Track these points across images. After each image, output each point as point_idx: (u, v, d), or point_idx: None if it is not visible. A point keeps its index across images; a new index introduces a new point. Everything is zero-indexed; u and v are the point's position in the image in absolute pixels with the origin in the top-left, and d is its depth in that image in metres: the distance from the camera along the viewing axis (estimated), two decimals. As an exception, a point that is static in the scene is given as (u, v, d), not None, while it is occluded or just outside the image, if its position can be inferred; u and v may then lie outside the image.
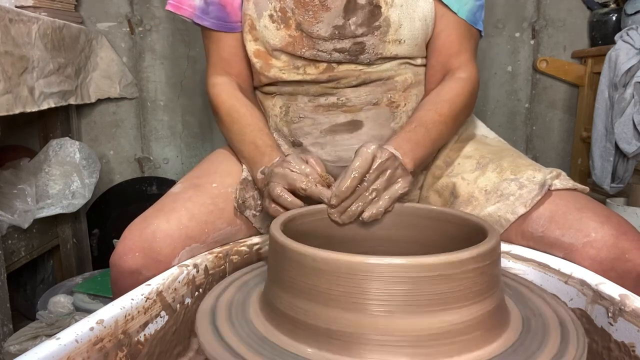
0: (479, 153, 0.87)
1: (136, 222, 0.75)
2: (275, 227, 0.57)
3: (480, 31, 0.93)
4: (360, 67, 0.87)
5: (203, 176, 0.85)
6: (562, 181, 0.75)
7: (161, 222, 0.73)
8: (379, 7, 0.84)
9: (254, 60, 0.90)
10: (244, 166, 0.86)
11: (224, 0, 0.89)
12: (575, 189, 0.75)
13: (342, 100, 0.88)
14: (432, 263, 0.47)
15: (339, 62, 0.87)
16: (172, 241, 0.72)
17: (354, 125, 0.88)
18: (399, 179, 0.69)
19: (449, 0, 0.86)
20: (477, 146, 0.90)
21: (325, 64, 0.87)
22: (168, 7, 0.91)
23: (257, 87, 0.97)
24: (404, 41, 0.86)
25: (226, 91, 0.91)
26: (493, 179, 0.79)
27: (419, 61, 0.91)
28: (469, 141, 0.92)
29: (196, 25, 0.93)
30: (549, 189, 0.74)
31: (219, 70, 0.93)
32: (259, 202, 0.82)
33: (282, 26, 0.86)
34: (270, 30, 0.86)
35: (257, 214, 0.81)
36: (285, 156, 0.76)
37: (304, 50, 0.86)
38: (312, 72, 0.88)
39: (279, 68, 0.89)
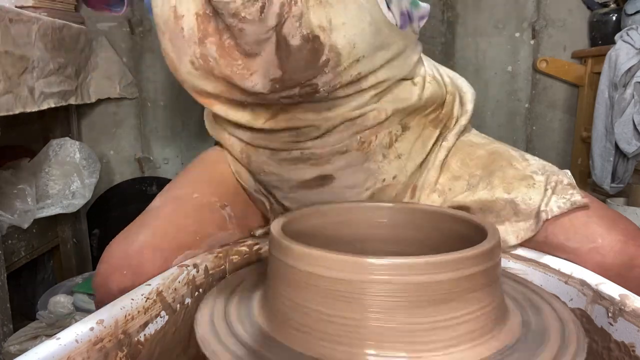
0: (467, 171, 0.80)
1: (118, 241, 0.70)
2: (276, 227, 0.57)
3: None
4: (322, 112, 0.73)
5: (183, 187, 0.81)
6: (560, 199, 0.69)
7: (147, 237, 0.69)
8: (317, 38, 0.65)
9: (190, 94, 0.78)
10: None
11: None
12: (575, 206, 0.69)
13: (306, 154, 0.76)
14: (432, 262, 0.47)
15: (292, 104, 0.73)
16: (162, 253, 0.68)
17: (324, 179, 0.79)
18: None
19: None
20: (464, 159, 0.82)
21: (277, 106, 0.73)
22: None
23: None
24: (363, 56, 0.69)
25: None
26: (485, 196, 0.74)
27: (380, 55, 0.72)
28: (454, 152, 0.83)
29: None
30: (545, 221, 0.69)
31: None
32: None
33: (208, 75, 0.72)
34: (197, 77, 0.73)
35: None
36: None
37: (244, 96, 0.72)
38: (263, 115, 0.75)
39: (221, 107, 0.77)
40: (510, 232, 0.72)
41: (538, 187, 0.72)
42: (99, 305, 0.69)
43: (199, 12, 0.69)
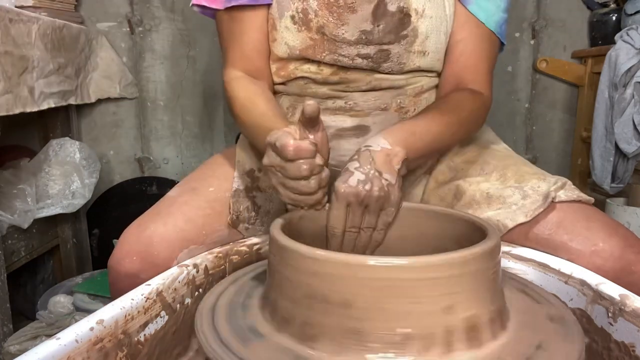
0: (482, 159, 0.85)
1: (133, 226, 0.74)
2: (276, 228, 0.57)
3: (503, 45, 0.89)
4: (377, 75, 0.85)
5: (200, 180, 0.84)
6: (567, 192, 0.74)
7: (158, 226, 0.73)
8: (409, 15, 0.82)
9: (272, 62, 0.88)
10: (235, 174, 0.83)
11: None
12: (580, 201, 0.74)
13: (349, 104, 0.86)
14: (431, 263, 0.47)
15: (360, 69, 0.84)
16: (169, 244, 0.72)
17: (361, 130, 0.86)
18: (387, 203, 0.64)
19: (475, 9, 0.84)
20: (481, 152, 0.88)
21: (337, 67, 0.84)
22: (195, 2, 0.86)
23: None
24: (428, 53, 0.84)
25: (243, 86, 0.85)
26: (496, 186, 0.78)
27: (435, 74, 0.89)
28: (474, 146, 0.90)
29: (223, 11, 0.85)
30: (552, 201, 0.72)
31: (237, 66, 0.88)
32: (253, 213, 0.81)
33: (303, 28, 0.83)
34: (291, 32, 0.83)
35: (250, 226, 0.80)
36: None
37: (324, 54, 0.83)
38: (326, 71, 0.85)
39: (295, 67, 0.86)
40: (519, 212, 0.73)
41: (548, 181, 0.76)
42: (111, 286, 0.73)
43: None
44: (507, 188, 0.77)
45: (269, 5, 0.86)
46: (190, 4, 0.88)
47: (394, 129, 0.72)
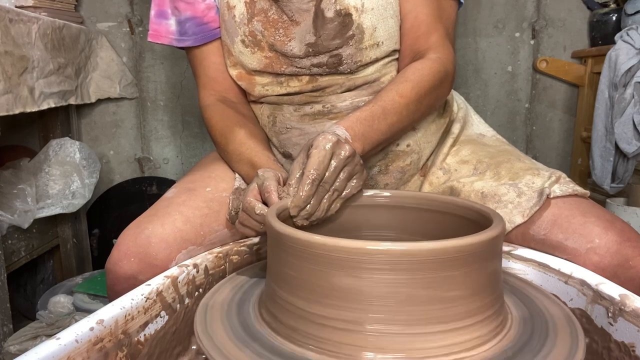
0: (475, 157, 0.85)
1: (130, 228, 0.74)
2: (272, 215, 0.56)
3: (460, 3, 0.90)
4: (345, 75, 0.85)
5: (197, 180, 0.84)
6: (562, 186, 0.74)
7: (156, 227, 0.73)
8: (349, 15, 0.81)
9: (238, 82, 0.90)
10: (236, 174, 0.84)
11: (199, 13, 0.88)
12: (575, 195, 0.74)
13: (327, 108, 0.86)
14: (431, 249, 0.46)
15: (320, 75, 0.85)
16: (168, 245, 0.72)
17: None
18: (355, 177, 0.66)
19: None
20: (474, 149, 0.88)
21: (307, 77, 0.86)
22: (149, 39, 0.92)
23: None
24: (382, 42, 0.83)
25: (218, 113, 0.88)
26: (490, 183, 0.79)
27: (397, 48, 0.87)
28: (466, 143, 0.90)
29: (180, 49, 0.93)
30: (547, 197, 0.73)
31: (209, 90, 0.92)
32: None
33: (256, 49, 0.85)
34: (246, 55, 0.86)
35: None
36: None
37: (283, 68, 0.85)
38: (295, 84, 0.86)
39: (262, 85, 0.88)
40: (516, 212, 0.74)
41: (542, 176, 0.76)
42: (109, 289, 0.73)
43: (247, 0, 0.85)
44: (501, 185, 0.77)
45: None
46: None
47: (354, 121, 0.72)
